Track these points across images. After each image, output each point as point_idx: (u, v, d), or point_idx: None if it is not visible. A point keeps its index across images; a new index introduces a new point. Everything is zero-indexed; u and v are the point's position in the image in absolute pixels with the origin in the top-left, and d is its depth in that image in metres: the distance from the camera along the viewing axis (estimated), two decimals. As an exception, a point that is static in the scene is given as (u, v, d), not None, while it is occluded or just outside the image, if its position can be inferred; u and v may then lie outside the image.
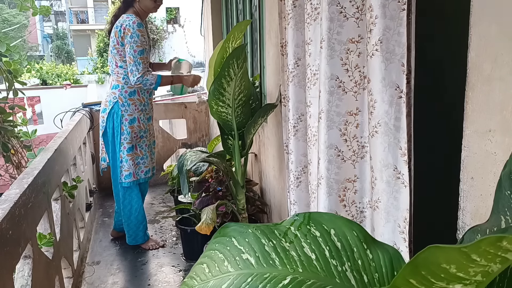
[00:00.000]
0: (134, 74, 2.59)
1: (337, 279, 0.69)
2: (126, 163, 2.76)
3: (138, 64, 2.59)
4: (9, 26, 21.06)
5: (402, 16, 1.02)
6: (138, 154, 2.81)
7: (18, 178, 1.79)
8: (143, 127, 2.79)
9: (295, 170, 1.67)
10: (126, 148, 2.74)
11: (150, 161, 2.90)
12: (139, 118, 2.75)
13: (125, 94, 2.71)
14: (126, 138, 2.73)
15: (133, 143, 2.75)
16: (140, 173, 2.84)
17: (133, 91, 2.72)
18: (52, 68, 14.02)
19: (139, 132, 2.77)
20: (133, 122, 2.73)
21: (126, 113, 2.71)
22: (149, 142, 2.87)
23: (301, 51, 1.58)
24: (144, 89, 2.75)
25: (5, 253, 1.33)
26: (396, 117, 1.06)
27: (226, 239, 0.79)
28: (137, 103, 2.74)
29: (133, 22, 2.58)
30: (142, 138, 2.80)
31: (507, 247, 0.39)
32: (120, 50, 2.65)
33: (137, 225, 2.92)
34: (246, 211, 2.40)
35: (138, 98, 2.74)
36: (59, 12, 25.98)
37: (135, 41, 2.57)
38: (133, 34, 2.57)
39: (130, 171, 2.78)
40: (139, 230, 2.93)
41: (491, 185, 0.87)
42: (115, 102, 2.71)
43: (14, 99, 2.81)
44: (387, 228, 1.12)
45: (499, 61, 0.82)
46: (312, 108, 1.48)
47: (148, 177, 2.90)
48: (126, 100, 2.71)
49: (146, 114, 2.81)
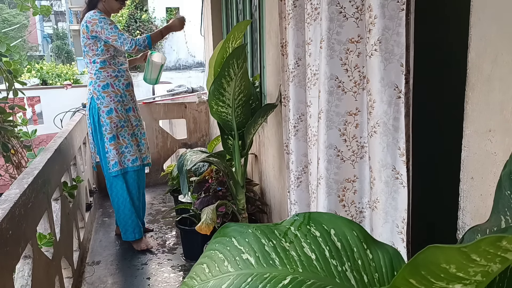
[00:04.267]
0: (125, 43, 2.66)
1: (337, 279, 0.69)
2: (110, 152, 2.82)
3: (122, 35, 2.67)
4: (9, 26, 21.05)
5: (401, 16, 1.02)
6: (121, 143, 2.86)
7: (18, 178, 1.79)
8: (122, 117, 2.84)
9: (296, 170, 1.67)
10: (108, 139, 2.81)
11: (137, 150, 2.93)
12: (116, 109, 2.80)
13: (98, 88, 2.77)
14: (107, 129, 2.79)
15: (113, 133, 2.81)
16: (127, 161, 2.88)
17: (106, 84, 2.78)
18: (52, 68, 14.01)
19: (119, 122, 2.82)
20: (111, 113, 2.79)
21: (102, 105, 2.78)
22: (132, 131, 2.90)
23: (301, 51, 1.58)
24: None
25: (5, 253, 1.33)
26: (395, 117, 1.06)
27: (226, 239, 0.79)
28: (112, 95, 2.79)
29: (94, 13, 2.67)
30: (123, 127, 2.85)
31: (507, 247, 0.39)
32: (92, 44, 2.72)
33: (125, 219, 2.93)
34: (246, 211, 2.40)
35: (112, 90, 2.80)
36: (59, 12, 25.98)
37: (105, 22, 2.65)
38: (100, 19, 2.65)
39: (115, 160, 2.83)
40: (128, 225, 2.94)
41: (491, 185, 0.87)
42: (91, 97, 2.80)
43: (14, 99, 2.81)
44: (385, 229, 1.12)
45: (499, 61, 0.82)
46: (312, 108, 1.48)
47: (137, 166, 2.92)
48: (100, 93, 2.77)
49: (124, 105, 2.85)
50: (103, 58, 2.76)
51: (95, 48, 2.74)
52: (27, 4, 2.64)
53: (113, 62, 2.82)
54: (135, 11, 13.31)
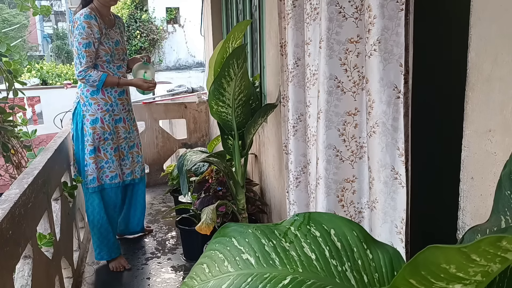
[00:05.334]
0: (77, 67, 2.45)
1: (337, 279, 0.69)
2: (89, 166, 2.58)
3: (82, 57, 2.43)
4: (9, 26, 21.06)
5: (401, 16, 1.02)
6: (102, 158, 2.61)
7: (18, 178, 1.79)
8: (108, 128, 2.59)
9: (295, 170, 1.67)
10: (88, 151, 2.57)
11: (118, 166, 2.69)
12: (102, 119, 2.56)
13: (86, 93, 2.54)
14: (88, 140, 2.56)
15: (95, 145, 2.57)
16: (105, 177, 2.65)
17: (96, 90, 2.54)
18: (52, 68, 14.01)
19: (103, 134, 2.58)
20: (95, 123, 2.55)
21: (88, 113, 2.55)
22: (116, 145, 2.66)
23: (300, 51, 1.58)
24: (92, 87, 2.54)
25: (5, 253, 1.33)
26: (394, 117, 1.06)
27: (226, 239, 0.79)
28: (100, 103, 2.56)
29: (80, 14, 2.43)
30: (107, 140, 2.60)
31: (507, 247, 0.40)
32: None
33: (100, 239, 2.68)
34: (246, 211, 2.40)
35: (102, 97, 2.56)
36: (59, 12, 25.97)
37: (80, 33, 2.41)
38: (79, 26, 2.41)
39: (94, 175, 2.60)
40: (103, 244, 2.68)
41: (491, 185, 0.87)
42: (78, 102, 2.59)
43: (14, 99, 2.81)
44: (384, 229, 1.12)
45: (499, 61, 0.82)
46: (312, 108, 1.48)
47: (115, 184, 2.68)
48: (88, 99, 2.54)
49: (113, 115, 2.61)
50: (94, 62, 2.53)
51: None
52: (27, 4, 2.64)
53: (107, 66, 2.58)
54: (135, 11, 13.32)
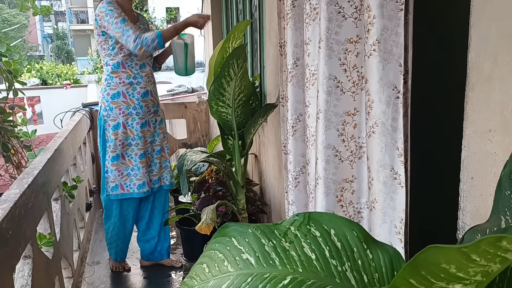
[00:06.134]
0: (130, 41, 2.18)
1: (337, 279, 0.69)
2: (111, 173, 2.42)
3: (127, 31, 2.18)
4: (9, 26, 21.07)
5: (400, 16, 1.02)
6: (127, 164, 2.43)
7: (18, 178, 1.79)
8: (131, 133, 2.40)
9: (293, 171, 1.67)
10: (110, 157, 2.41)
11: (146, 173, 2.48)
12: (124, 124, 2.37)
13: (107, 97, 2.36)
14: (110, 146, 2.39)
15: (117, 152, 2.40)
16: (132, 186, 2.45)
17: (116, 93, 2.35)
18: (52, 68, 14.03)
19: (125, 140, 2.40)
20: (117, 128, 2.37)
21: (109, 118, 2.37)
22: (141, 151, 2.45)
23: (300, 51, 1.58)
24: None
25: (5, 253, 1.33)
26: (393, 117, 1.06)
27: (226, 239, 0.79)
28: (122, 107, 2.36)
29: (102, 3, 2.26)
30: (130, 146, 2.42)
31: (507, 247, 0.40)
32: (103, 42, 2.33)
33: (111, 240, 2.61)
34: (246, 211, 2.40)
35: (123, 100, 2.36)
36: (59, 12, 25.99)
37: (111, 15, 2.21)
38: (107, 11, 2.22)
39: (116, 183, 2.43)
40: (112, 245, 2.63)
41: (491, 185, 0.87)
42: (100, 107, 2.43)
43: (14, 99, 2.81)
44: (383, 229, 1.12)
45: (499, 61, 0.82)
46: (311, 108, 1.48)
47: (144, 192, 2.48)
48: (109, 103, 2.36)
49: (138, 119, 2.40)
50: (115, 60, 2.33)
51: (106, 46, 2.32)
52: (27, 4, 2.64)
53: (130, 64, 2.36)
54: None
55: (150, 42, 2.18)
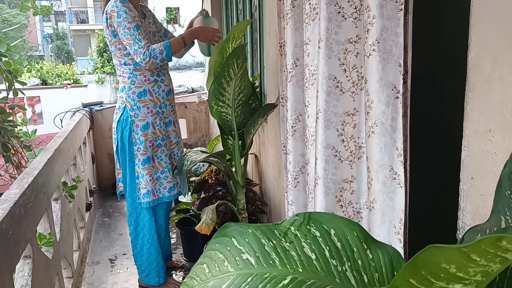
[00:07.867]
0: (139, 52, 2.05)
1: (337, 279, 0.69)
2: (142, 179, 2.24)
3: (139, 41, 2.05)
4: (9, 26, 21.07)
5: (400, 16, 1.02)
6: (157, 167, 2.29)
7: (18, 178, 1.80)
8: (160, 133, 2.27)
9: (293, 171, 1.67)
10: (140, 161, 2.23)
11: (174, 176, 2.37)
12: (153, 123, 2.24)
13: (133, 95, 2.20)
14: (140, 149, 2.22)
15: (148, 154, 2.24)
16: (162, 190, 2.31)
17: (143, 91, 2.21)
18: (52, 68, 14.04)
19: (155, 141, 2.26)
20: (147, 128, 2.22)
21: (137, 118, 2.21)
22: (169, 152, 2.33)
23: (299, 51, 1.58)
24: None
25: (5, 253, 1.33)
26: (393, 117, 1.06)
27: (226, 239, 0.79)
28: (150, 105, 2.22)
29: (114, 1, 2.09)
30: (160, 147, 2.28)
31: (507, 247, 0.40)
32: (116, 42, 2.16)
33: (149, 260, 2.38)
34: (246, 211, 2.40)
35: (151, 99, 2.23)
36: (59, 12, 25.99)
37: (124, 18, 2.06)
38: (120, 12, 2.07)
39: (148, 188, 2.25)
40: (152, 267, 2.39)
41: (491, 185, 0.87)
42: (124, 107, 2.22)
43: (14, 99, 2.81)
44: (382, 229, 1.12)
45: (499, 61, 0.82)
46: (310, 108, 1.48)
47: (174, 195, 2.36)
48: (135, 102, 2.20)
49: (163, 118, 2.29)
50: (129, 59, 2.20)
51: (121, 47, 2.16)
52: (27, 4, 2.64)
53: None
54: (135, 11, 13.31)
55: (158, 54, 2.07)
